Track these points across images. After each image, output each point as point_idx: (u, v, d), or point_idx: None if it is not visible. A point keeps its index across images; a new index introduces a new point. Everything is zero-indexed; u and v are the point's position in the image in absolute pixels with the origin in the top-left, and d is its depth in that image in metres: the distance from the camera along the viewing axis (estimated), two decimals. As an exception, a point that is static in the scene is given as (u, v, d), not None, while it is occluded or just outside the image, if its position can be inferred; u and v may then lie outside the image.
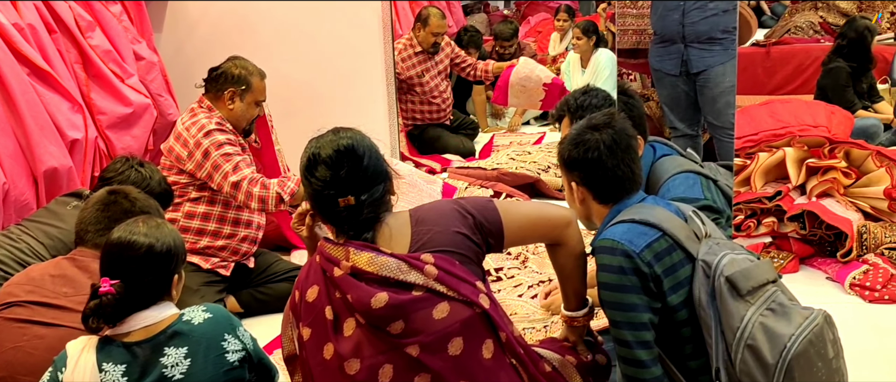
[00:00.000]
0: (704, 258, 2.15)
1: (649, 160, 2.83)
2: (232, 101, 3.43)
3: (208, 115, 3.39)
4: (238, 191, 3.33)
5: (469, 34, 6.38)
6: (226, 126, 3.41)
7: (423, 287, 1.96)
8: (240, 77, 3.43)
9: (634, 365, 2.13)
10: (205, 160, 3.33)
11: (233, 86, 3.42)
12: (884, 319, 3.34)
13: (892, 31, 6.97)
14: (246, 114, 3.47)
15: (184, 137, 3.37)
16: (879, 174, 3.89)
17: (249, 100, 3.46)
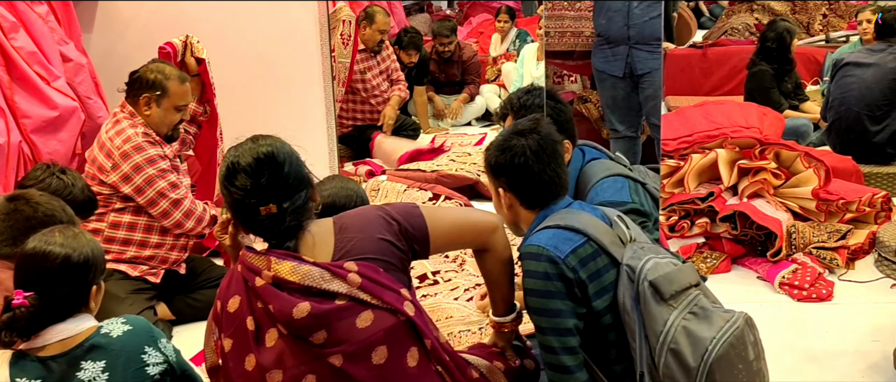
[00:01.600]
0: (629, 263, 2.17)
1: (579, 164, 2.84)
2: (148, 106, 3.33)
3: (132, 123, 3.30)
4: (177, 209, 3.30)
5: (409, 35, 6.37)
6: (152, 136, 3.32)
7: (347, 296, 1.94)
8: (155, 82, 3.32)
9: (560, 371, 2.14)
10: (135, 174, 3.23)
11: (147, 91, 3.32)
12: (811, 317, 3.41)
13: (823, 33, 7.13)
14: (165, 120, 3.36)
15: (107, 147, 3.27)
16: (807, 175, 3.97)
17: (167, 105, 3.34)
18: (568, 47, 4.96)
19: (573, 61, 4.95)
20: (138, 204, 3.30)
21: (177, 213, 3.32)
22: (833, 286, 3.61)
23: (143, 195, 3.27)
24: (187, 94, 3.42)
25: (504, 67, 7.15)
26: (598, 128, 4.97)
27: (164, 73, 3.34)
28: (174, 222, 3.34)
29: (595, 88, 4.95)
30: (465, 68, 6.94)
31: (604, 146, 3.11)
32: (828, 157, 4.28)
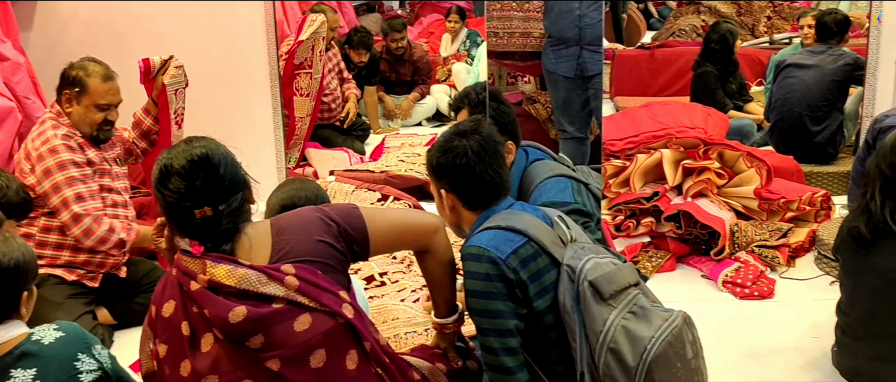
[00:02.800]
0: (569, 263, 2.18)
1: (522, 165, 2.85)
2: (69, 104, 3.24)
3: (55, 123, 3.21)
4: (77, 224, 3.14)
5: (359, 35, 6.34)
6: (75, 139, 3.22)
7: (284, 299, 1.92)
8: (75, 79, 3.22)
9: (501, 372, 2.14)
10: (45, 178, 3.12)
11: (68, 88, 3.23)
12: (753, 315, 3.46)
13: (767, 35, 7.25)
14: (85, 118, 3.25)
15: (27, 148, 3.19)
16: (750, 175, 4.04)
17: (87, 103, 3.23)
18: (517, 48, 4.97)
19: (522, 62, 4.97)
20: None
21: (75, 228, 3.15)
22: (774, 284, 3.67)
23: (50, 202, 3.15)
24: (110, 92, 3.28)
25: (454, 67, 7.16)
26: (546, 128, 5.00)
27: (86, 69, 3.24)
28: (73, 238, 3.17)
29: (544, 88, 4.98)
30: (416, 68, 6.93)
31: (552, 147, 3.13)
32: (770, 157, 4.36)
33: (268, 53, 4.70)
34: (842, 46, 5.05)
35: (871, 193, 2.59)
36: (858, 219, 2.62)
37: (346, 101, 6.08)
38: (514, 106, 4.82)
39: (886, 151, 2.59)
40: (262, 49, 4.69)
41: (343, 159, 5.50)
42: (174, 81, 3.60)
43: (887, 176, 2.56)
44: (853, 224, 2.64)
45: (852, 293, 2.73)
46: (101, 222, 3.18)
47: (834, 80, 4.91)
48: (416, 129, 6.69)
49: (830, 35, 5.03)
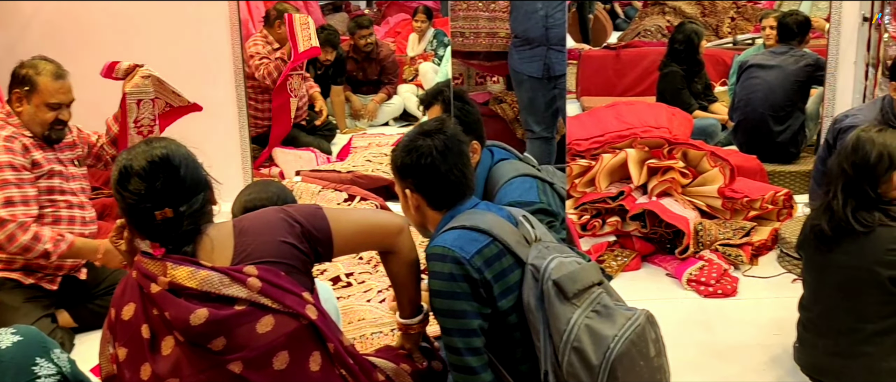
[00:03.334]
0: (533, 263, 2.18)
1: (487, 165, 2.85)
2: (20, 103, 3.18)
3: (2, 124, 3.16)
4: (1, 229, 3.03)
5: (326, 33, 6.31)
6: (19, 140, 3.14)
7: (247, 301, 1.90)
8: (25, 77, 3.16)
9: (465, 372, 2.14)
10: None
11: (18, 87, 3.17)
12: (716, 312, 3.50)
13: (731, 35, 7.34)
14: (36, 117, 3.18)
15: None
16: (714, 174, 4.08)
17: (38, 102, 3.16)
18: (483, 48, 4.97)
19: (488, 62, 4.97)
20: None
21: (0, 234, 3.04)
22: (738, 282, 3.71)
23: None
24: (61, 91, 3.21)
25: (422, 66, 7.15)
26: (513, 128, 5.01)
27: (36, 68, 3.18)
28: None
29: (511, 88, 4.98)
30: (383, 67, 6.91)
31: (519, 147, 3.13)
32: (733, 156, 4.41)
33: (232, 52, 4.66)
34: (803, 47, 5.12)
35: (834, 192, 2.63)
36: (821, 217, 2.66)
37: (310, 100, 6.05)
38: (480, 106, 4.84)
39: (848, 151, 2.64)
40: (227, 48, 4.65)
41: (310, 160, 5.47)
42: (137, 91, 3.52)
43: (849, 175, 2.61)
44: (816, 222, 2.68)
45: (814, 290, 2.78)
46: (27, 229, 3.06)
47: (796, 80, 4.97)
48: (383, 129, 6.68)
49: (791, 36, 5.09)
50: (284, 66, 5.51)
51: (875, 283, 2.56)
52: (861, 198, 2.60)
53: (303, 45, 5.46)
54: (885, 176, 2.59)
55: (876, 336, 2.60)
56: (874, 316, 2.59)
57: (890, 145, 2.60)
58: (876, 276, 2.55)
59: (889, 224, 2.57)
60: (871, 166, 2.58)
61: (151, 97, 3.59)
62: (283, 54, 5.54)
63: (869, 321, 2.60)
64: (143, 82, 3.54)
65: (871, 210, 2.59)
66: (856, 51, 4.47)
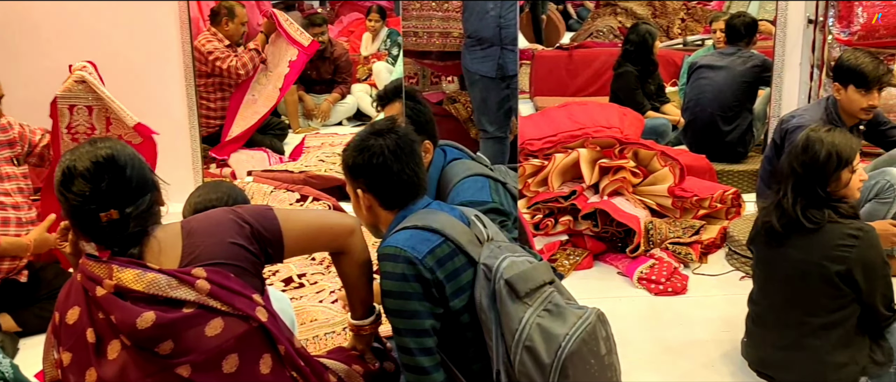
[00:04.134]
0: (485, 262, 2.18)
1: (440, 164, 2.85)
2: None
3: None
4: None
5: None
6: None
7: (195, 304, 1.87)
8: None
9: (417, 372, 2.14)
10: None
11: None
12: (667, 310, 3.55)
13: (682, 36, 7.44)
14: None
15: None
16: (664, 173, 4.13)
17: None
18: (437, 48, 4.97)
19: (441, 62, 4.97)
20: None
21: None
22: (687, 280, 3.76)
23: None
24: None
25: (375, 66, 7.12)
26: (466, 128, 5.01)
27: None
28: None
29: (465, 88, 4.99)
30: (337, 66, 6.87)
31: (472, 147, 3.13)
32: (683, 156, 4.47)
33: (183, 51, 4.60)
34: (751, 48, 5.21)
35: (784, 190, 2.69)
36: (771, 214, 2.73)
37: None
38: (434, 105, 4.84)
39: (798, 150, 2.70)
40: (177, 47, 4.59)
41: (262, 159, 5.41)
42: (69, 96, 3.44)
43: (799, 174, 2.67)
44: (766, 219, 2.75)
45: (764, 284, 2.84)
46: None
47: (743, 81, 5.06)
48: (336, 128, 6.64)
49: (739, 37, 5.18)
50: (259, 57, 5.48)
51: (823, 278, 2.62)
52: (811, 196, 2.66)
53: (303, 40, 5.55)
54: (835, 175, 2.65)
55: (822, 329, 2.66)
56: (821, 310, 2.66)
57: (838, 144, 2.66)
58: (824, 271, 2.61)
59: (838, 221, 2.64)
60: (821, 165, 2.65)
61: (86, 104, 3.50)
62: (257, 45, 5.51)
63: (816, 315, 2.67)
64: (76, 87, 3.46)
65: (821, 208, 2.65)
66: (801, 52, 4.56)
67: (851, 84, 3.46)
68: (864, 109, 3.48)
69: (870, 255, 2.63)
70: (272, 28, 5.62)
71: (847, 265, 2.59)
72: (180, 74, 4.63)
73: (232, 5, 5.57)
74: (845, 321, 2.66)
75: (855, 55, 3.49)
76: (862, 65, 3.43)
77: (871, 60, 3.44)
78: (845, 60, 3.50)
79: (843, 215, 2.66)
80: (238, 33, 5.61)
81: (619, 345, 2.31)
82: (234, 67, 5.36)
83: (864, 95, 3.44)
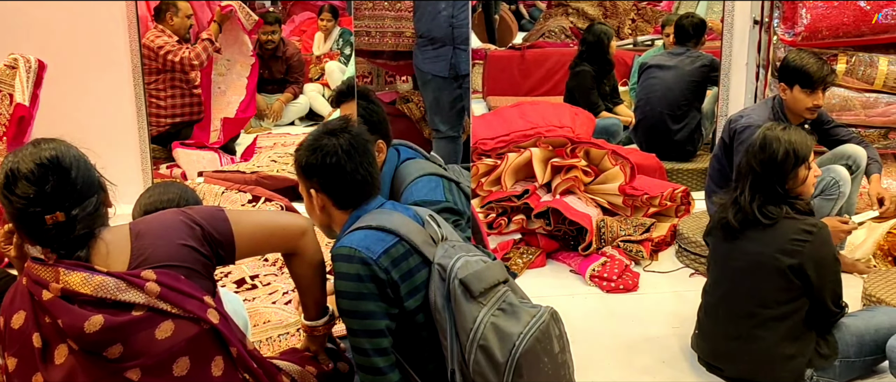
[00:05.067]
0: (440, 262, 2.19)
1: (394, 164, 2.85)
2: None
3: None
4: None
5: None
6: None
7: (145, 306, 1.84)
8: None
9: (372, 372, 2.14)
10: None
11: None
12: (619, 307, 3.59)
13: (632, 36, 7.53)
14: None
15: None
16: (615, 172, 4.18)
17: None
18: (389, 47, 4.97)
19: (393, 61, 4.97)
20: None
21: None
22: (638, 277, 3.81)
23: None
24: None
25: (328, 65, 7.08)
26: (420, 128, 5.02)
27: None
28: None
29: (417, 88, 4.98)
30: (289, 66, 6.82)
31: (426, 147, 3.13)
32: (633, 154, 4.53)
33: (130, 50, 4.52)
34: (699, 48, 5.29)
35: (742, 188, 2.77)
36: (728, 211, 2.80)
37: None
38: (387, 105, 4.82)
39: (756, 149, 2.78)
40: (124, 45, 4.52)
41: (213, 160, 5.35)
42: None
43: (757, 172, 2.75)
44: (723, 216, 2.82)
45: (718, 275, 2.91)
46: None
47: (691, 80, 5.14)
48: (288, 128, 6.58)
49: (688, 37, 5.27)
50: (212, 46, 5.42)
51: (776, 270, 2.70)
52: (769, 193, 2.74)
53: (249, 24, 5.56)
54: (792, 172, 2.75)
55: (772, 321, 2.74)
56: (772, 302, 2.74)
57: (795, 142, 2.75)
58: (777, 263, 2.69)
59: (794, 217, 2.72)
60: (779, 164, 2.73)
61: (9, 91, 3.39)
62: (210, 35, 5.44)
63: (767, 307, 2.74)
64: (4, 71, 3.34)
65: (779, 204, 2.74)
66: (747, 53, 4.65)
67: (797, 84, 3.53)
68: (809, 108, 3.55)
69: (822, 251, 2.72)
70: (225, 18, 5.56)
71: (800, 259, 2.67)
72: (128, 74, 4.55)
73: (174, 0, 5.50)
74: (795, 314, 2.74)
75: (800, 56, 3.56)
76: (807, 66, 3.49)
77: (815, 61, 3.51)
78: (791, 60, 3.56)
79: (799, 212, 2.75)
80: (184, 27, 5.53)
81: (573, 343, 2.33)
82: (187, 59, 5.30)
83: (809, 95, 3.52)
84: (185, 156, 5.28)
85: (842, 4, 4.02)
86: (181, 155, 5.31)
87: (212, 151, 5.45)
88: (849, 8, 4.01)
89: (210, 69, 5.54)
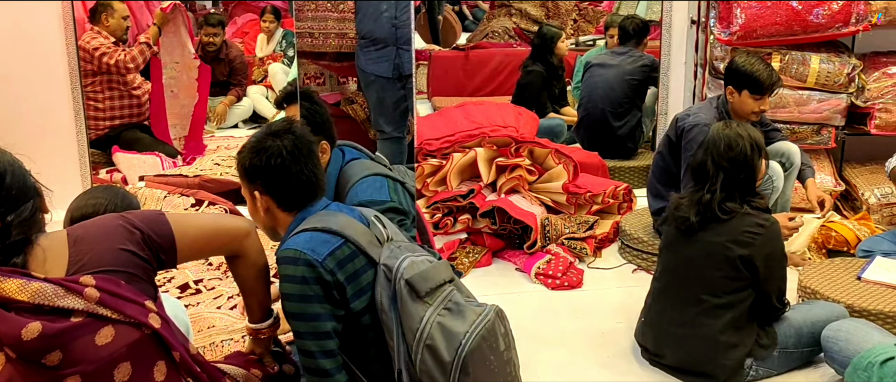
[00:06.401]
0: (386, 263, 2.19)
1: (338, 165, 2.85)
2: None
3: None
4: None
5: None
6: None
7: (84, 312, 1.81)
8: None
9: (319, 374, 2.13)
10: None
11: None
12: (564, 304, 3.63)
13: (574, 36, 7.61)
14: None
15: None
16: (558, 171, 4.23)
17: None
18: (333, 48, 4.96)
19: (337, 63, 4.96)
20: None
21: None
22: (583, 274, 3.86)
23: None
24: None
25: (271, 67, 7.01)
26: (365, 129, 5.01)
27: None
28: None
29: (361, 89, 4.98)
30: (232, 68, 6.73)
31: (371, 148, 3.14)
32: (576, 153, 4.59)
33: (67, 53, 4.43)
34: (641, 49, 5.38)
35: (709, 186, 2.84)
36: (689, 210, 2.87)
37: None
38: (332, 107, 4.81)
39: (721, 150, 2.85)
40: (61, 48, 4.42)
41: (155, 164, 5.26)
42: None
43: (728, 170, 2.83)
44: (682, 215, 2.89)
45: (669, 262, 2.99)
46: None
47: (633, 79, 5.23)
48: (232, 131, 6.50)
49: (629, 38, 5.36)
50: (149, 50, 5.33)
51: (726, 259, 2.80)
52: (740, 190, 2.84)
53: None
54: (757, 165, 2.87)
55: (718, 308, 2.83)
56: (719, 291, 2.83)
57: (754, 136, 2.88)
58: (729, 252, 2.79)
59: (750, 213, 2.82)
60: (749, 158, 2.83)
61: None
62: (148, 38, 5.35)
63: (714, 295, 2.83)
64: None
65: (739, 200, 2.83)
66: (685, 52, 4.74)
67: (745, 89, 3.57)
68: (754, 112, 3.61)
69: (773, 245, 2.83)
70: (166, 20, 5.47)
71: (750, 250, 2.78)
72: (65, 76, 4.46)
73: (110, 1, 5.40)
74: (740, 304, 2.83)
75: (749, 61, 3.59)
76: (757, 72, 3.53)
77: (764, 67, 3.55)
78: (740, 65, 3.59)
79: (756, 208, 2.86)
80: (121, 29, 5.43)
81: (518, 340, 2.36)
82: (123, 62, 5.20)
83: (757, 101, 3.58)
84: (125, 160, 5.19)
85: (775, 4, 4.12)
86: (121, 159, 5.21)
87: (153, 155, 5.36)
88: (782, 8, 4.12)
89: (160, 74, 5.43)
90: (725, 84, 3.67)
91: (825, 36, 4.21)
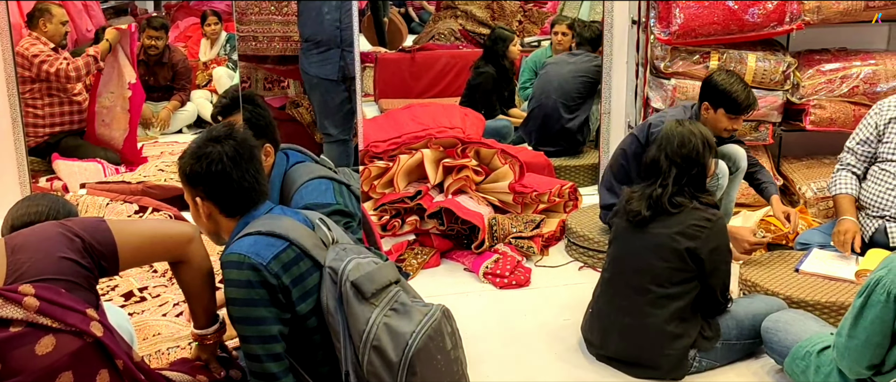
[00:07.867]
0: (331, 265, 2.19)
1: (283, 168, 2.83)
2: None
3: None
4: None
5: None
6: None
7: (23, 322, 1.79)
8: None
9: (266, 378, 2.13)
10: None
11: None
12: (512, 302, 3.66)
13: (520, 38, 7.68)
14: None
15: None
16: (505, 171, 4.26)
17: None
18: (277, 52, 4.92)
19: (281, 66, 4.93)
20: None
21: None
22: (530, 272, 3.90)
23: None
24: None
25: (216, 71, 6.94)
26: (311, 132, 4.99)
27: None
28: None
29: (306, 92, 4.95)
30: (176, 72, 6.64)
31: (318, 151, 3.12)
32: (522, 153, 4.63)
33: (3, 58, 4.33)
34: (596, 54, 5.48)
35: (661, 182, 2.92)
36: (640, 203, 2.94)
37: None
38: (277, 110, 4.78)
39: (674, 146, 2.92)
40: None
41: (96, 171, 5.17)
42: None
43: (680, 166, 2.91)
44: (633, 208, 2.96)
45: (618, 253, 3.06)
46: None
47: (587, 76, 5.33)
48: (176, 136, 6.42)
49: (586, 42, 5.49)
50: (95, 64, 5.23)
51: (673, 250, 2.87)
52: (683, 185, 2.91)
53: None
54: (709, 161, 2.96)
55: (664, 299, 2.90)
56: (666, 281, 2.90)
57: (705, 133, 2.98)
58: (676, 244, 2.86)
59: (698, 208, 2.91)
60: (700, 155, 2.92)
61: None
62: (97, 52, 5.25)
63: (660, 285, 2.90)
64: None
65: (688, 195, 2.91)
66: (627, 51, 4.81)
67: (722, 108, 3.60)
68: (727, 129, 3.66)
69: (718, 239, 2.92)
70: (118, 39, 5.38)
71: (697, 243, 2.86)
72: (2, 83, 4.36)
73: (48, 6, 5.28)
74: (685, 295, 2.91)
75: (729, 81, 3.60)
76: (735, 93, 3.56)
77: (743, 88, 3.59)
78: (720, 83, 3.60)
79: (705, 204, 2.94)
80: (59, 34, 5.33)
81: (467, 339, 2.38)
82: (64, 70, 5.09)
83: (732, 120, 3.63)
84: (65, 168, 5.09)
85: (712, 4, 4.21)
86: (62, 167, 5.11)
87: (94, 161, 5.27)
88: (719, 8, 4.21)
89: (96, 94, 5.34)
90: (701, 99, 3.67)
91: (761, 35, 4.31)
